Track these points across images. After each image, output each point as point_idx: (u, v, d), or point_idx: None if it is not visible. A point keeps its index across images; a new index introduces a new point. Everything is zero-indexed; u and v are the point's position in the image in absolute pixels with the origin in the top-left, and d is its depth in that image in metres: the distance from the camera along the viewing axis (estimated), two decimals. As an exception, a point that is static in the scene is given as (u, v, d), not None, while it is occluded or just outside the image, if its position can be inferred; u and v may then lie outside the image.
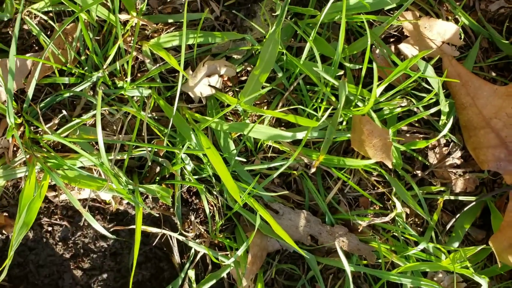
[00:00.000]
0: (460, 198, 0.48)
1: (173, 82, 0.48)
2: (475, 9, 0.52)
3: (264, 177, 0.48)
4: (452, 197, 0.48)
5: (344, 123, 0.47)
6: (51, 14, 0.46)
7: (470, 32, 0.51)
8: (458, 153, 0.49)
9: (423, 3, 0.50)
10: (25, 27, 0.46)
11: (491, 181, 0.49)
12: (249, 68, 0.49)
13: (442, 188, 0.49)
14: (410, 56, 0.49)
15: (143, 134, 0.46)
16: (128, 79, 0.44)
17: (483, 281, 0.44)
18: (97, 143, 0.46)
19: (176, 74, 0.49)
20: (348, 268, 0.42)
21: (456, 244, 0.48)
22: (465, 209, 0.48)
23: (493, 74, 0.51)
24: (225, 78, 0.48)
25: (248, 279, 0.46)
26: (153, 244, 0.50)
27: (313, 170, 0.45)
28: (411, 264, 0.45)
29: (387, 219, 0.45)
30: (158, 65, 0.47)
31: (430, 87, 0.47)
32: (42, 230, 0.50)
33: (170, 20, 0.47)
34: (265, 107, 0.49)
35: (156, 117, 0.48)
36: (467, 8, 0.52)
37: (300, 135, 0.45)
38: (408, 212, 0.49)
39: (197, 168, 0.48)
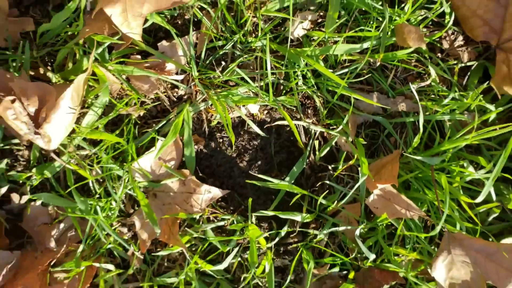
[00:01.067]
0: (468, 64, 0.78)
1: (276, 32, 0.77)
2: None
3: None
4: (463, 65, 0.78)
5: (389, 33, 0.76)
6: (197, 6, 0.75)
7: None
8: (460, 37, 0.77)
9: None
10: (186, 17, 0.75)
11: (484, 48, 0.79)
12: (321, 13, 0.78)
13: (455, 62, 0.78)
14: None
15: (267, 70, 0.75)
16: (259, 33, 0.73)
17: (492, 107, 0.74)
18: (241, 79, 0.75)
19: (277, 29, 0.77)
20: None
21: (470, 93, 0.78)
22: (472, 68, 0.77)
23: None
24: (310, 22, 0.77)
25: (352, 137, 0.76)
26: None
27: (378, 63, 0.74)
28: (448, 104, 0.75)
29: (429, 82, 0.74)
30: (268, 24, 0.76)
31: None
32: (217, 142, 0.79)
33: (270, -7, 0.76)
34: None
35: (273, 56, 0.77)
36: None
37: (366, 45, 0.74)
38: (438, 81, 0.78)
39: (303, 83, 0.77)
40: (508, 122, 0.79)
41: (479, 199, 0.68)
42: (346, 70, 0.76)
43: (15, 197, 0.73)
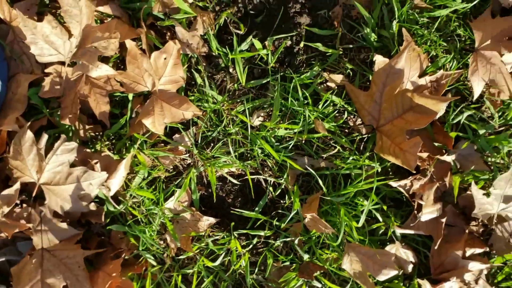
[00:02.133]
0: (365, 136, 1.23)
1: (244, 123, 1.26)
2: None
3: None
4: (361, 136, 1.23)
5: (311, 122, 1.22)
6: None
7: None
8: (359, 119, 1.23)
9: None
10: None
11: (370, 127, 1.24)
12: (271, 108, 1.25)
13: (357, 134, 1.24)
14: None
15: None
16: (232, 125, 1.23)
17: (377, 165, 1.20)
18: (223, 153, 1.25)
19: (244, 122, 1.26)
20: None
21: (364, 156, 1.23)
22: (365, 139, 1.23)
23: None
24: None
25: (291, 184, 1.24)
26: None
27: (303, 141, 1.22)
28: (350, 162, 1.21)
29: (336, 150, 1.21)
30: (238, 118, 1.25)
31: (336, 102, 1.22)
32: (212, 189, 1.30)
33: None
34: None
35: (241, 143, 1.26)
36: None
37: (296, 130, 1.22)
38: (344, 148, 1.24)
39: (261, 152, 1.25)
40: (396, 172, 1.25)
41: (360, 224, 1.16)
42: (287, 144, 1.24)
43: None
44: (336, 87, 1.23)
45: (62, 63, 1.16)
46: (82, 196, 1.18)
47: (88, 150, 1.22)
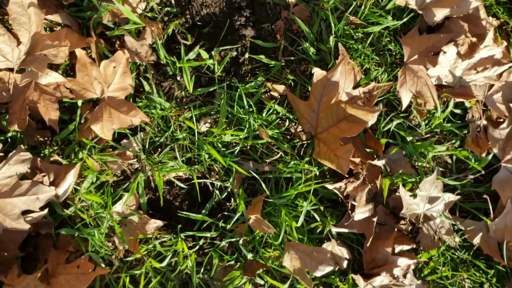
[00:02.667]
0: (304, 142, 1.32)
1: (191, 129, 1.32)
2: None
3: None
4: (302, 142, 1.32)
5: (255, 129, 1.30)
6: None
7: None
8: (300, 127, 1.32)
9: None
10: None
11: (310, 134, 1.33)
12: (218, 115, 1.32)
13: (298, 141, 1.33)
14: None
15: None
16: (180, 131, 1.28)
17: (315, 169, 1.29)
18: (171, 158, 1.31)
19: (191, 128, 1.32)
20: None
21: (304, 160, 1.32)
22: (305, 145, 1.32)
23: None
24: (210, 122, 1.31)
25: (237, 188, 1.31)
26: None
27: (248, 146, 1.29)
28: (291, 167, 1.30)
29: (278, 156, 1.29)
30: (185, 124, 1.30)
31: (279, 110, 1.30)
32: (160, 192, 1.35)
33: (186, 107, 1.31)
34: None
35: (189, 142, 1.32)
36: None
37: (241, 136, 1.29)
38: (287, 153, 1.33)
39: (208, 157, 1.32)
40: (333, 175, 1.35)
41: (299, 224, 1.25)
42: (233, 149, 1.31)
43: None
44: (279, 97, 1.32)
45: (11, 69, 1.17)
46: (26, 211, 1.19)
47: (38, 157, 1.24)
